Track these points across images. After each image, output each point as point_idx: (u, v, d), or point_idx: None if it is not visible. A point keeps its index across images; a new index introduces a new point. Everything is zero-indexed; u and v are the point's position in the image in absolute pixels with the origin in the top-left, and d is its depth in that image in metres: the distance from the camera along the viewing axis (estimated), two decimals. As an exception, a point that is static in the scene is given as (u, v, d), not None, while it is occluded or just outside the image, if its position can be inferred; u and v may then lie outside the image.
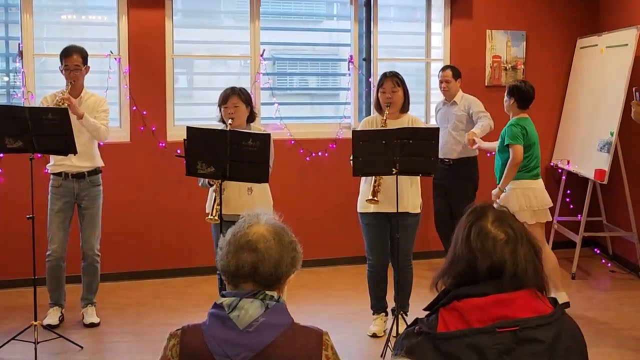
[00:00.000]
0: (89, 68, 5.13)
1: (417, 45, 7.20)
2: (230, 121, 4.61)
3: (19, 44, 5.99)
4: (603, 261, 6.97)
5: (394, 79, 4.87)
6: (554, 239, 7.12)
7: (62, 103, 4.76)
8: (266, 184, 4.58)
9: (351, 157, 4.52)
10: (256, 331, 1.92)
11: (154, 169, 6.29)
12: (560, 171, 7.19)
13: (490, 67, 7.05)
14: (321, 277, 6.42)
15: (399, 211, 4.61)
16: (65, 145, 4.55)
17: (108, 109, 5.20)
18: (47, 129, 4.48)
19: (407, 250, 4.91)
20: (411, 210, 4.84)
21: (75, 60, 5.00)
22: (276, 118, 6.59)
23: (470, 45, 7.01)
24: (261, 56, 6.54)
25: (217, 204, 4.40)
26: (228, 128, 4.52)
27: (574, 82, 7.19)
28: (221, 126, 4.70)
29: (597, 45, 6.86)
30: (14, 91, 6.08)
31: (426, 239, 6.60)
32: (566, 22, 7.22)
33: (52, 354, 4.65)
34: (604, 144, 6.33)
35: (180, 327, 2.02)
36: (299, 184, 6.66)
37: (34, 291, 4.64)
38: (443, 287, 1.97)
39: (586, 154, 6.62)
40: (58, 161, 5.04)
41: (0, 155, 5.23)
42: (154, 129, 6.26)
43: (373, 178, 4.72)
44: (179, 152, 5.47)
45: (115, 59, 6.18)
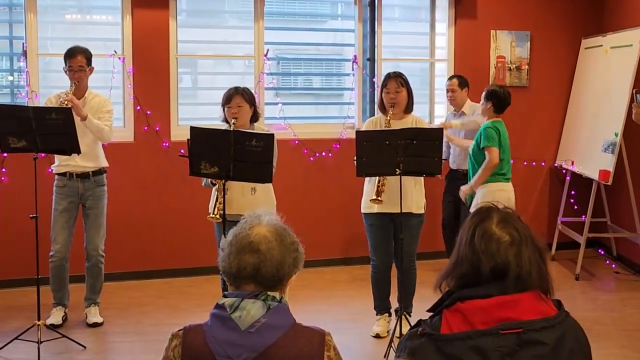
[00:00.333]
0: (93, 69, 5.13)
1: (421, 45, 7.19)
2: (233, 121, 4.61)
3: (23, 43, 5.99)
4: (607, 262, 6.95)
5: (397, 80, 4.86)
6: (558, 239, 7.11)
7: (66, 104, 4.76)
8: (269, 184, 4.58)
9: (355, 157, 4.51)
10: (258, 332, 1.91)
11: (157, 169, 6.29)
12: (564, 172, 7.17)
13: (495, 67, 7.04)
14: (325, 277, 6.42)
15: (402, 211, 4.61)
16: (69, 144, 4.55)
17: (112, 109, 5.21)
18: (50, 128, 4.49)
19: (410, 250, 4.91)
20: (415, 210, 4.84)
21: (79, 61, 5.00)
22: (280, 118, 6.59)
23: (475, 45, 7.00)
24: (265, 56, 6.53)
25: (219, 203, 4.40)
26: (231, 128, 4.52)
27: (578, 83, 7.17)
28: (225, 126, 4.69)
29: (601, 45, 6.84)
30: (18, 91, 6.09)
31: (430, 240, 6.59)
32: (571, 23, 7.20)
33: (55, 353, 4.65)
34: (608, 144, 6.32)
35: (182, 327, 2.01)
36: (303, 184, 6.66)
37: (37, 291, 4.64)
38: (447, 289, 1.97)
39: (590, 154, 6.60)
40: (63, 161, 5.04)
41: (4, 154, 5.23)
42: (157, 128, 6.27)
43: (377, 178, 4.71)
44: (182, 152, 5.47)
45: (119, 58, 6.18)
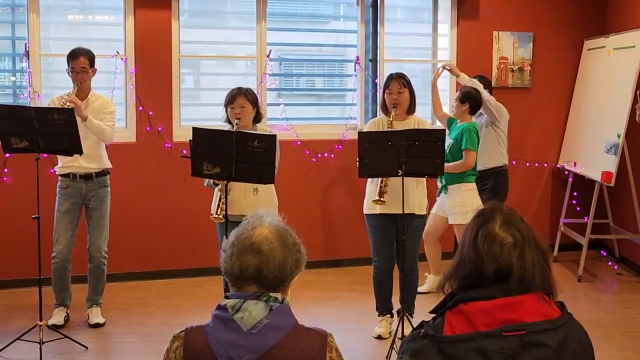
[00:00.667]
0: (96, 70, 5.13)
1: (424, 46, 7.19)
2: (236, 122, 4.61)
3: (26, 44, 6.00)
4: (610, 264, 6.94)
5: (400, 80, 4.86)
6: (560, 241, 7.10)
7: (68, 105, 4.75)
8: (272, 184, 4.58)
9: (357, 158, 4.51)
10: (260, 333, 1.91)
11: (159, 170, 6.29)
12: (566, 173, 7.16)
13: (497, 68, 7.03)
14: (326, 278, 6.41)
15: (404, 212, 4.60)
16: (71, 145, 4.55)
17: (115, 110, 5.20)
18: (52, 129, 4.49)
19: (412, 251, 4.90)
20: (417, 211, 4.83)
21: (81, 62, 5.00)
22: (282, 119, 6.59)
23: (477, 46, 6.99)
24: (267, 57, 6.53)
25: (222, 203, 4.40)
26: (234, 129, 4.52)
27: (580, 84, 7.16)
28: (227, 127, 4.69)
29: (604, 47, 6.83)
30: (20, 91, 6.09)
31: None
32: (573, 24, 7.19)
33: (57, 354, 4.64)
34: (611, 145, 6.30)
35: (184, 328, 2.01)
36: (305, 184, 6.65)
37: (39, 291, 4.64)
38: (450, 290, 1.96)
39: (593, 155, 6.59)
40: (66, 162, 5.04)
41: (7, 155, 5.23)
42: (160, 129, 6.27)
43: (379, 179, 4.71)
44: (184, 153, 5.47)
45: (122, 59, 6.18)
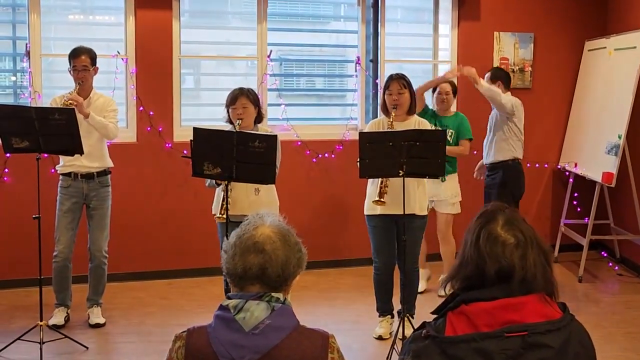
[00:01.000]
0: (97, 69, 5.13)
1: (425, 47, 7.19)
2: (238, 122, 4.61)
3: (27, 44, 6.00)
4: (610, 264, 6.94)
5: (400, 81, 4.86)
6: (561, 241, 7.10)
7: (69, 104, 4.75)
8: (273, 185, 4.58)
9: (358, 159, 4.50)
10: (262, 333, 1.91)
11: (160, 170, 6.29)
12: (567, 174, 7.16)
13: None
14: (327, 279, 6.41)
15: (405, 213, 4.60)
16: (72, 145, 4.55)
17: (117, 109, 5.21)
18: (53, 129, 4.48)
19: (413, 252, 4.90)
20: (418, 212, 4.83)
21: (83, 61, 5.00)
22: (283, 119, 6.59)
23: (478, 47, 6.99)
24: (268, 57, 6.53)
25: (226, 203, 4.39)
26: (236, 129, 4.52)
27: (581, 85, 7.16)
28: (229, 127, 4.69)
29: (605, 47, 6.83)
30: (21, 91, 6.09)
31: (433, 241, 6.57)
32: (574, 25, 7.19)
33: (57, 354, 4.64)
34: (611, 146, 6.30)
35: (186, 329, 2.01)
36: (306, 185, 6.65)
37: (40, 291, 4.63)
38: (451, 291, 1.96)
39: (594, 156, 6.59)
40: (68, 161, 5.03)
41: (7, 155, 5.23)
42: (160, 129, 6.27)
43: (380, 179, 4.70)
44: (185, 153, 5.47)
45: (122, 59, 6.18)
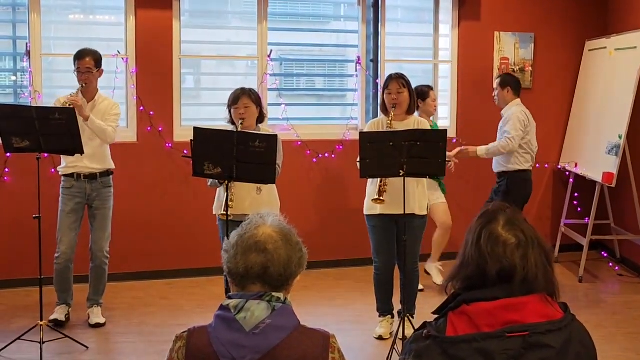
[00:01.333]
0: (102, 71, 5.11)
1: (425, 46, 7.19)
2: (241, 122, 4.61)
3: (27, 43, 5.99)
4: (611, 264, 6.94)
5: (399, 81, 4.86)
6: (561, 242, 7.09)
7: (69, 104, 4.75)
8: (274, 184, 4.58)
9: (358, 159, 4.50)
10: (262, 333, 1.91)
11: (160, 170, 6.29)
12: (568, 174, 7.16)
13: (498, 69, 7.02)
14: (327, 279, 6.41)
15: (405, 213, 4.59)
16: (72, 145, 4.54)
17: (120, 113, 5.21)
18: (54, 128, 4.48)
19: (413, 252, 4.90)
20: (418, 212, 4.83)
21: (87, 63, 4.98)
22: (283, 119, 6.58)
23: (478, 47, 6.99)
24: (268, 57, 6.53)
25: (230, 201, 4.39)
26: (239, 129, 4.52)
27: (582, 85, 7.16)
28: (231, 128, 4.69)
29: (605, 47, 6.83)
30: (22, 91, 6.09)
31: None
32: (575, 24, 7.19)
33: (57, 353, 4.64)
34: (612, 146, 6.30)
35: (187, 329, 2.01)
36: (306, 185, 6.65)
37: (40, 291, 4.63)
38: (452, 291, 1.96)
39: (594, 156, 6.59)
40: (70, 163, 5.03)
41: (8, 154, 5.22)
42: (160, 129, 6.26)
43: (379, 179, 4.70)
44: (185, 153, 5.47)
45: (123, 59, 6.18)
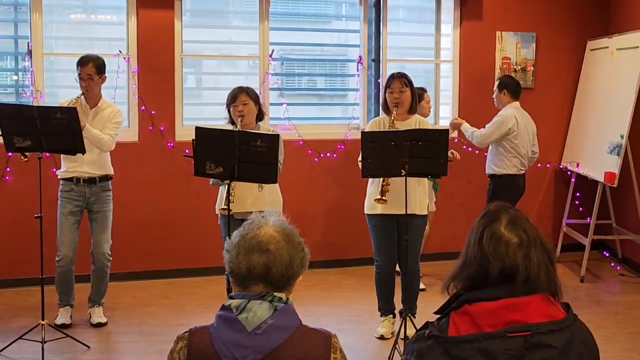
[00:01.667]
0: (105, 78, 5.09)
1: (427, 46, 7.19)
2: (240, 119, 4.61)
3: (28, 43, 5.99)
4: (612, 264, 6.93)
5: (401, 80, 4.85)
6: (563, 241, 7.09)
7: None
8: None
9: (359, 158, 4.50)
10: (264, 333, 1.90)
11: (162, 169, 6.29)
12: (569, 174, 7.15)
13: (500, 68, 7.02)
14: (329, 278, 6.41)
15: (406, 213, 4.59)
16: (73, 144, 4.54)
17: (121, 121, 5.17)
18: (55, 128, 4.48)
19: (414, 252, 4.89)
20: (418, 211, 4.82)
21: (88, 70, 4.96)
22: (285, 119, 6.58)
23: (480, 46, 6.98)
24: (270, 56, 6.53)
25: (232, 196, 4.39)
26: (238, 127, 4.52)
27: (584, 84, 7.15)
28: (231, 128, 4.69)
29: (607, 47, 6.82)
30: (23, 90, 6.09)
31: (433, 241, 6.57)
32: (576, 24, 7.18)
33: (59, 353, 4.64)
34: (614, 146, 6.29)
35: (188, 329, 2.00)
36: (307, 184, 6.65)
37: (42, 290, 4.64)
38: (454, 291, 1.95)
39: (596, 156, 6.58)
40: (70, 167, 5.02)
41: (9, 154, 5.22)
42: (162, 128, 6.26)
43: (381, 179, 4.70)
44: (187, 152, 5.47)
45: (124, 58, 6.18)
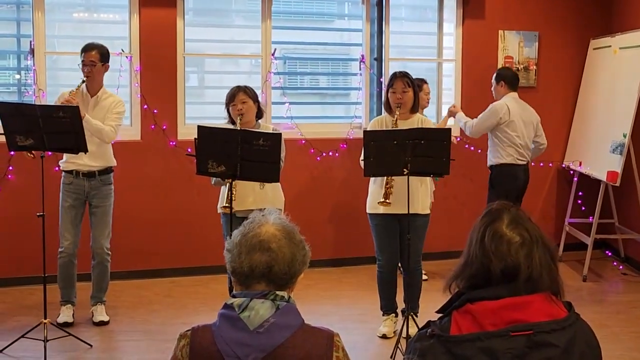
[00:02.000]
0: (108, 67, 5.11)
1: (429, 45, 7.18)
2: (239, 118, 4.61)
3: (31, 41, 6.00)
4: (615, 263, 6.92)
5: (404, 79, 4.84)
6: (565, 240, 7.08)
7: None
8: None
9: (361, 157, 4.50)
10: (267, 332, 1.90)
11: (164, 168, 6.29)
12: (572, 173, 7.14)
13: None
14: (331, 277, 6.41)
15: (409, 212, 4.59)
16: (76, 143, 4.55)
17: (123, 111, 5.17)
18: (57, 126, 4.49)
19: (416, 251, 4.89)
20: (421, 211, 4.82)
21: (92, 56, 4.98)
22: (287, 118, 6.58)
23: (482, 45, 6.98)
24: (272, 55, 6.53)
25: (233, 195, 4.39)
26: (238, 125, 4.52)
27: (586, 83, 7.14)
28: (231, 127, 4.69)
29: (610, 46, 6.81)
30: (25, 89, 6.10)
31: (435, 240, 6.56)
32: (579, 23, 7.17)
33: (61, 351, 4.65)
34: (616, 145, 6.29)
35: (190, 327, 2.01)
36: (310, 183, 6.64)
37: (44, 289, 4.65)
38: (456, 290, 1.95)
39: (598, 155, 6.58)
40: (70, 158, 5.03)
41: (11, 153, 5.23)
42: (164, 127, 6.26)
43: (384, 179, 4.69)
44: (189, 151, 5.47)
45: (127, 57, 6.18)
